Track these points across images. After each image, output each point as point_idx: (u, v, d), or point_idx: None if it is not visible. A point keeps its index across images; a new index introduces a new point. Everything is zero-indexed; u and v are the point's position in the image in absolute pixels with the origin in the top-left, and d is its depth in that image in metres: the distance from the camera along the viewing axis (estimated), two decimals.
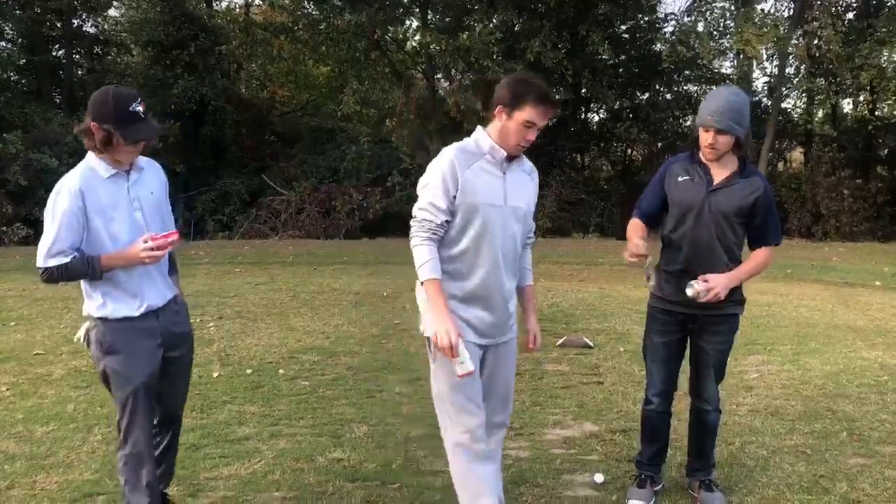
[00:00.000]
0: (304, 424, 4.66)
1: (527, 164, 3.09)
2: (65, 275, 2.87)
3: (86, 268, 2.86)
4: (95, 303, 2.98)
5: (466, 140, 2.96)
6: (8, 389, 5.38)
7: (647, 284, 3.44)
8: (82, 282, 2.98)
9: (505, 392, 3.11)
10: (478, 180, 2.86)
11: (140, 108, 2.85)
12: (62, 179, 2.91)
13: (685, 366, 3.62)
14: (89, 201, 2.86)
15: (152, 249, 2.88)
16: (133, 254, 2.87)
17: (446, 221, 2.86)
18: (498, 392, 3.08)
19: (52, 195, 2.88)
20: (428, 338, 2.91)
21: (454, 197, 2.84)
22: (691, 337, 3.53)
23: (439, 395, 2.95)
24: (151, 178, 3.11)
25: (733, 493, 3.66)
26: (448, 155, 2.87)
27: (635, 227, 3.49)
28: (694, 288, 3.25)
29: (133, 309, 2.98)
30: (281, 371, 5.88)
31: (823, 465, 4.00)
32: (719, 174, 3.38)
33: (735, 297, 3.43)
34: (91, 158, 2.94)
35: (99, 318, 2.98)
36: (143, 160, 3.09)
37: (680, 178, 3.43)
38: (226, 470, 3.92)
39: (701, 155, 3.42)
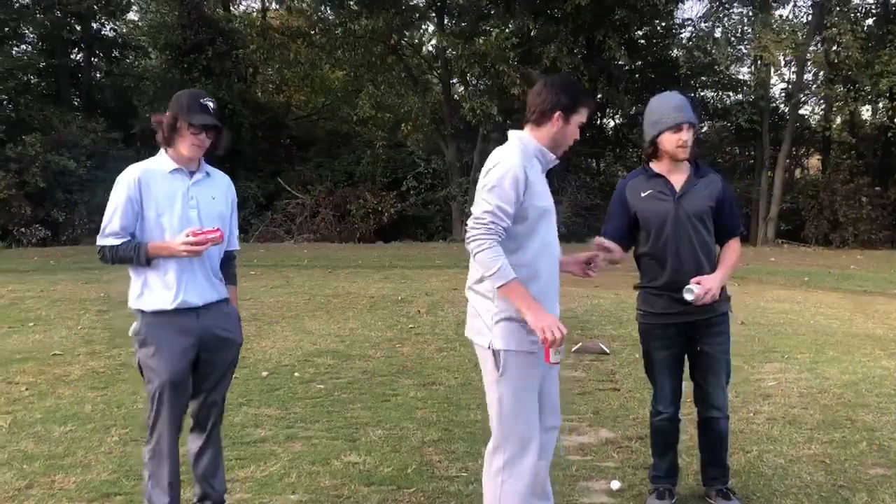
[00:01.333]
0: (320, 427, 4.67)
1: None
2: (115, 257, 3.03)
3: (133, 253, 3.00)
4: (136, 293, 3.08)
5: (515, 143, 2.86)
6: (27, 389, 5.43)
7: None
8: (130, 271, 3.09)
9: (556, 395, 3.04)
10: (540, 183, 2.83)
11: (210, 103, 3.06)
12: (126, 169, 3.08)
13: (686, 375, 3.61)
14: (145, 191, 3.02)
15: (193, 244, 2.95)
16: (174, 245, 2.97)
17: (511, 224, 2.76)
18: (552, 397, 3.00)
19: (116, 182, 3.06)
20: (496, 351, 2.78)
21: (522, 202, 2.74)
22: (692, 345, 3.50)
23: (502, 414, 2.81)
24: (217, 186, 3.23)
25: (750, 501, 3.63)
26: (517, 155, 2.78)
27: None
28: (693, 292, 3.27)
29: (167, 302, 3.03)
30: (296, 374, 5.90)
31: (843, 474, 3.96)
32: (678, 181, 3.42)
33: (723, 294, 3.47)
34: (160, 153, 3.12)
35: (138, 310, 3.08)
36: (213, 170, 3.25)
37: (643, 195, 3.44)
38: (241, 472, 3.92)
39: (653, 166, 3.46)
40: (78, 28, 23.71)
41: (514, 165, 2.74)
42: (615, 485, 3.78)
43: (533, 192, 2.76)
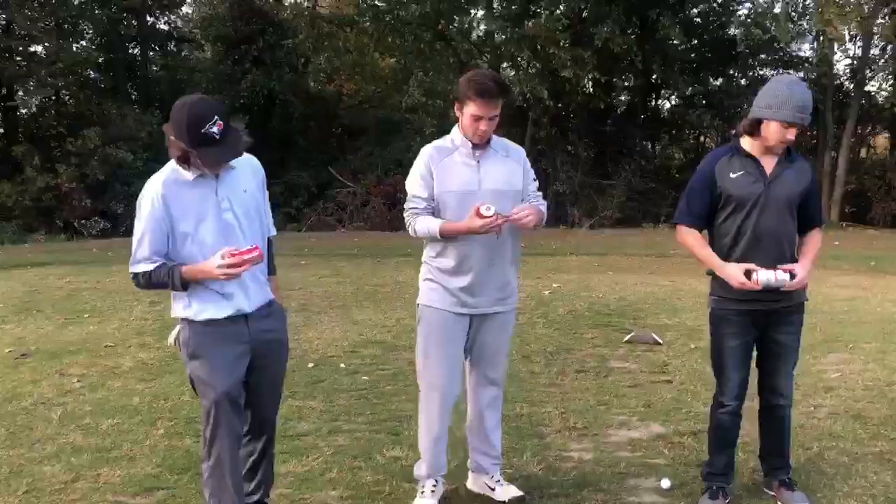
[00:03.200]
0: (363, 421, 4.62)
1: (502, 147, 3.40)
2: (149, 282, 2.83)
3: (167, 279, 2.80)
4: (181, 303, 2.90)
5: (444, 137, 3.38)
6: (78, 381, 5.51)
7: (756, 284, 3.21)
8: None
9: (494, 355, 3.46)
10: (450, 172, 3.27)
11: (216, 129, 2.69)
12: (147, 183, 2.85)
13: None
14: (174, 207, 2.79)
15: (230, 266, 2.74)
16: (209, 269, 2.76)
17: (430, 204, 3.30)
18: (487, 354, 3.44)
19: (138, 200, 2.84)
20: (419, 305, 3.41)
21: (433, 188, 3.27)
22: (765, 333, 3.39)
23: (418, 356, 3.45)
24: (244, 174, 2.97)
25: (811, 501, 3.44)
26: (424, 153, 3.33)
27: (700, 241, 3.40)
28: (780, 279, 3.18)
29: (218, 311, 2.86)
30: (342, 365, 5.87)
31: None
32: (769, 164, 3.31)
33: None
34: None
35: (184, 319, 2.91)
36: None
37: (733, 175, 3.30)
38: (283, 467, 3.89)
39: (746, 147, 3.32)
40: (134, 23, 24.19)
41: (417, 164, 3.32)
42: (665, 483, 3.64)
43: (440, 181, 3.26)
